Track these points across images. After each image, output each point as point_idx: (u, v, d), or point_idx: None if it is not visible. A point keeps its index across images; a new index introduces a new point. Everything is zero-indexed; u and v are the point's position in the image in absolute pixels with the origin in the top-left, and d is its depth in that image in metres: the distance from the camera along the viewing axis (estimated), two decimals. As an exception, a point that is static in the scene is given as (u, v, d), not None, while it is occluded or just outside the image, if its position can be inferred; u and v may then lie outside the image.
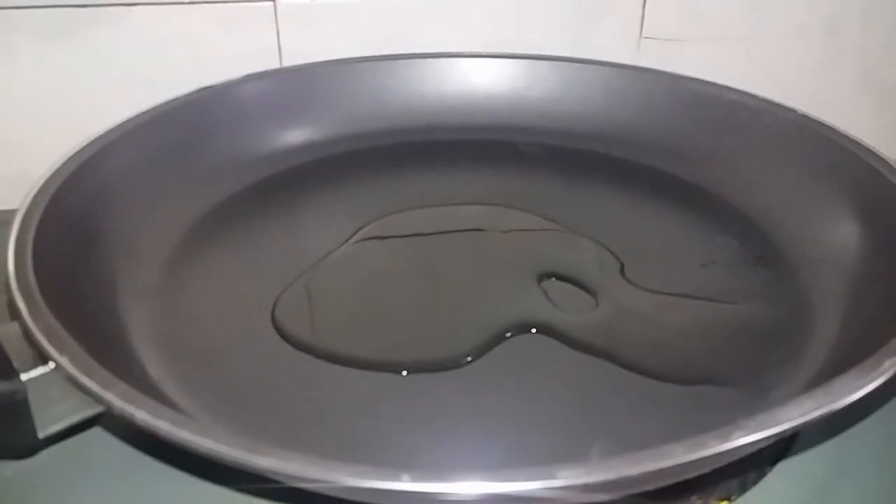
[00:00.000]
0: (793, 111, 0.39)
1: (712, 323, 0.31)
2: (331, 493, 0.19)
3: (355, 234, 0.36)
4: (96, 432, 0.26)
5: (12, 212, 0.31)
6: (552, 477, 0.18)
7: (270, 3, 0.43)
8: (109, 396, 0.21)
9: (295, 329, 0.30)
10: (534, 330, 0.30)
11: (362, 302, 0.32)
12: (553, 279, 0.33)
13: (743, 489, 0.26)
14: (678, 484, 0.22)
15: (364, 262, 0.35)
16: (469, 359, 0.28)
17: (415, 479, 0.18)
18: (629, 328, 0.31)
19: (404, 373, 0.28)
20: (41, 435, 0.23)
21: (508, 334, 0.30)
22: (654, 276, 0.33)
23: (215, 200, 0.37)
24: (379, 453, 0.25)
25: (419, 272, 0.34)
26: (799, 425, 0.20)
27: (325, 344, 0.29)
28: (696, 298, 0.32)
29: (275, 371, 0.28)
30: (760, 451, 0.23)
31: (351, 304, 0.32)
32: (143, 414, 0.20)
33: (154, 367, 0.28)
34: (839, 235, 0.34)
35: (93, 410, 0.23)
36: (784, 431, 0.19)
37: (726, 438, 0.19)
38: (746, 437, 0.19)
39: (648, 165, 0.42)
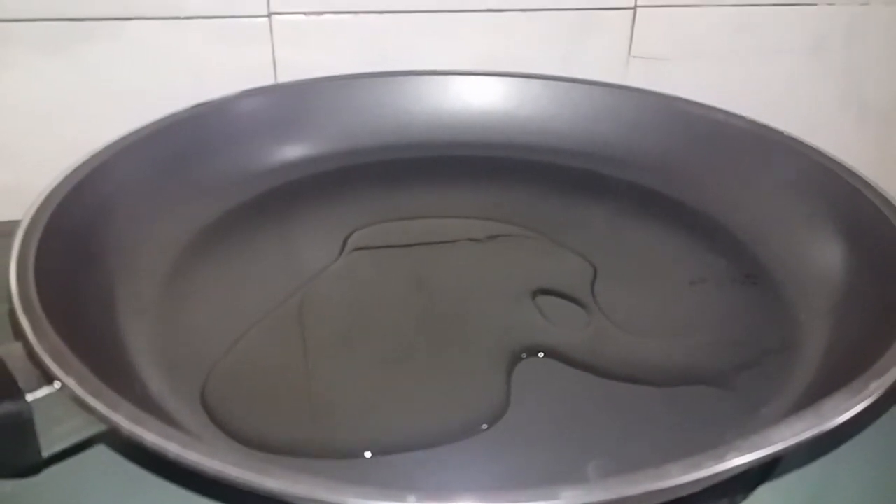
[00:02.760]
0: (779, 132, 0.40)
1: (701, 340, 0.32)
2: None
3: (347, 248, 0.37)
4: (98, 448, 0.26)
5: (5, 223, 0.31)
6: (555, 497, 0.19)
7: (266, 19, 0.43)
8: (117, 418, 0.21)
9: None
10: (541, 354, 0.30)
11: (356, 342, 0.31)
12: (546, 296, 0.34)
13: (732, 506, 0.26)
14: (668, 502, 0.22)
15: (355, 280, 0.35)
16: (486, 426, 0.27)
17: (420, 500, 0.19)
18: (620, 346, 0.31)
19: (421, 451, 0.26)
20: (45, 454, 0.23)
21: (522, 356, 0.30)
22: (643, 294, 0.34)
23: (213, 215, 0.38)
24: (382, 471, 0.25)
25: (413, 291, 0.34)
26: (791, 446, 0.20)
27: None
28: (684, 316, 0.33)
29: (275, 385, 0.29)
30: (750, 469, 0.23)
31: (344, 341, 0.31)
32: (151, 436, 0.20)
33: (154, 383, 0.28)
34: (825, 254, 0.35)
35: (97, 429, 0.23)
36: (777, 452, 0.20)
37: (721, 459, 0.20)
38: (740, 458, 0.20)
39: (637, 183, 0.42)
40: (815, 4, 0.49)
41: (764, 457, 0.20)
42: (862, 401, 0.22)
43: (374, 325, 0.32)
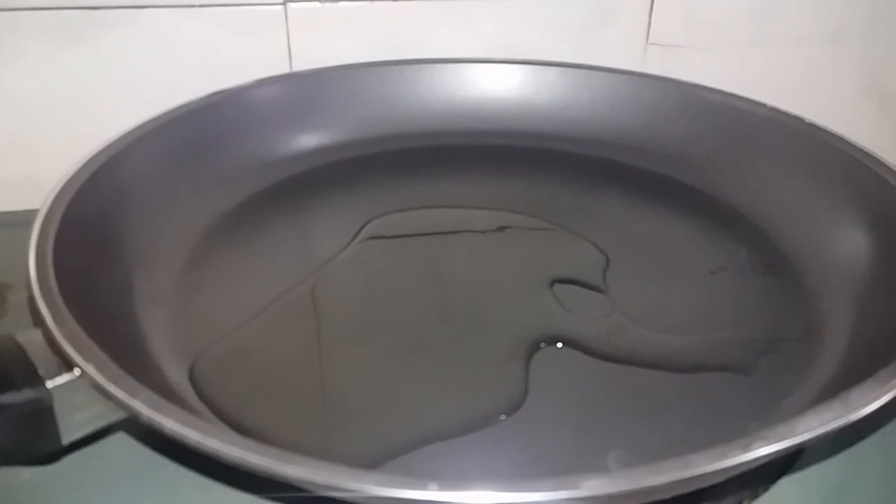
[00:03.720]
0: (800, 119, 0.39)
1: (721, 330, 0.31)
2: (357, 502, 0.20)
3: (362, 237, 0.36)
4: (117, 435, 0.26)
5: (20, 213, 0.31)
6: (576, 487, 0.19)
7: (281, 7, 0.43)
8: (137, 405, 0.21)
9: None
10: (560, 344, 0.30)
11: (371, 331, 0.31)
12: (564, 285, 0.33)
13: (754, 496, 0.26)
14: (691, 493, 0.22)
15: (370, 269, 0.35)
16: (504, 417, 0.27)
17: (442, 488, 0.19)
18: (638, 335, 0.31)
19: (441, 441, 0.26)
20: (65, 441, 0.23)
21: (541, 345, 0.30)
22: (662, 283, 0.34)
23: (228, 204, 0.38)
24: (400, 461, 0.25)
25: (429, 281, 0.34)
26: (818, 436, 0.20)
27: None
28: (704, 305, 0.33)
29: (291, 374, 0.29)
30: (773, 461, 0.23)
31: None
32: (171, 423, 0.20)
33: (172, 372, 0.28)
34: (847, 243, 0.34)
35: (117, 416, 0.23)
36: (803, 442, 0.20)
37: (746, 448, 0.20)
38: (766, 448, 0.20)
39: (656, 172, 0.42)
40: (835, -8, 0.48)
41: (790, 446, 0.20)
42: (889, 391, 0.22)
43: (390, 314, 0.32)
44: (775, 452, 0.20)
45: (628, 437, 0.26)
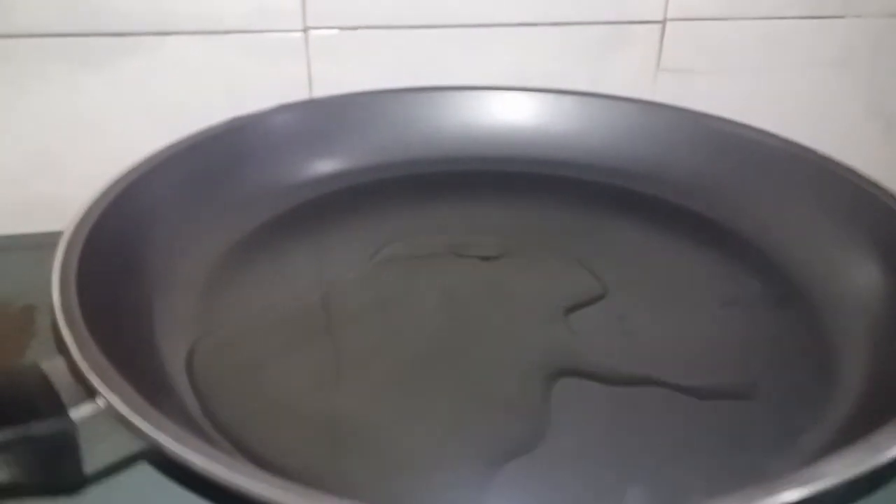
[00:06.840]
0: (812, 151, 0.39)
1: (733, 364, 0.31)
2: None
3: (378, 261, 0.37)
4: (141, 466, 0.26)
5: (44, 234, 0.31)
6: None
7: (302, 34, 0.44)
8: (162, 438, 0.21)
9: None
10: (573, 375, 0.30)
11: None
12: (576, 315, 0.33)
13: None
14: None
15: (385, 293, 0.35)
16: (521, 449, 0.27)
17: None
18: (650, 367, 0.30)
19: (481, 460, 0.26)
20: (88, 472, 0.23)
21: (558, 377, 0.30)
22: (674, 315, 0.34)
23: (248, 228, 0.38)
24: (413, 493, 0.25)
25: (444, 308, 0.34)
26: (845, 480, 0.20)
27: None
28: (717, 338, 0.33)
29: (305, 400, 0.29)
30: None
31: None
32: (198, 458, 0.20)
33: (189, 398, 0.28)
34: (860, 276, 0.35)
35: (141, 447, 0.23)
36: (833, 486, 0.20)
37: (772, 492, 0.20)
38: (794, 493, 0.20)
39: (669, 201, 0.42)
40: (842, 17, 0.49)
41: (817, 492, 0.20)
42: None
43: (405, 340, 0.32)
44: (803, 499, 0.20)
45: (647, 471, 0.26)
